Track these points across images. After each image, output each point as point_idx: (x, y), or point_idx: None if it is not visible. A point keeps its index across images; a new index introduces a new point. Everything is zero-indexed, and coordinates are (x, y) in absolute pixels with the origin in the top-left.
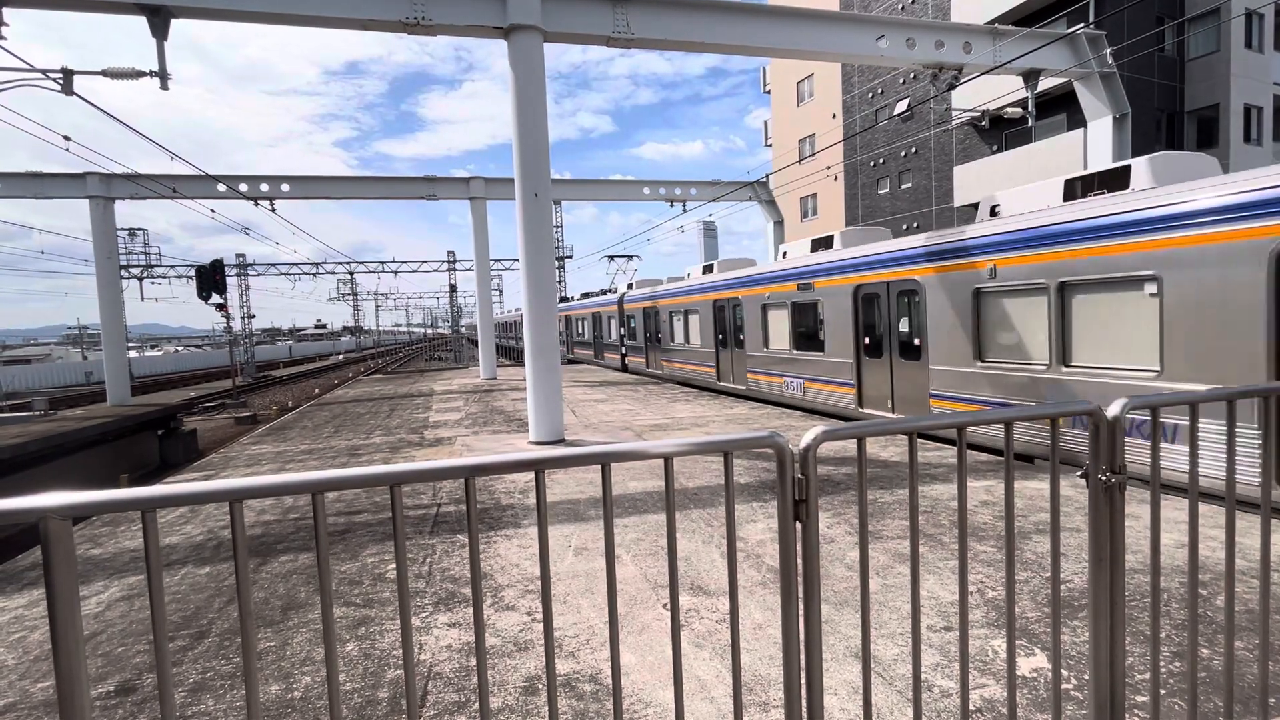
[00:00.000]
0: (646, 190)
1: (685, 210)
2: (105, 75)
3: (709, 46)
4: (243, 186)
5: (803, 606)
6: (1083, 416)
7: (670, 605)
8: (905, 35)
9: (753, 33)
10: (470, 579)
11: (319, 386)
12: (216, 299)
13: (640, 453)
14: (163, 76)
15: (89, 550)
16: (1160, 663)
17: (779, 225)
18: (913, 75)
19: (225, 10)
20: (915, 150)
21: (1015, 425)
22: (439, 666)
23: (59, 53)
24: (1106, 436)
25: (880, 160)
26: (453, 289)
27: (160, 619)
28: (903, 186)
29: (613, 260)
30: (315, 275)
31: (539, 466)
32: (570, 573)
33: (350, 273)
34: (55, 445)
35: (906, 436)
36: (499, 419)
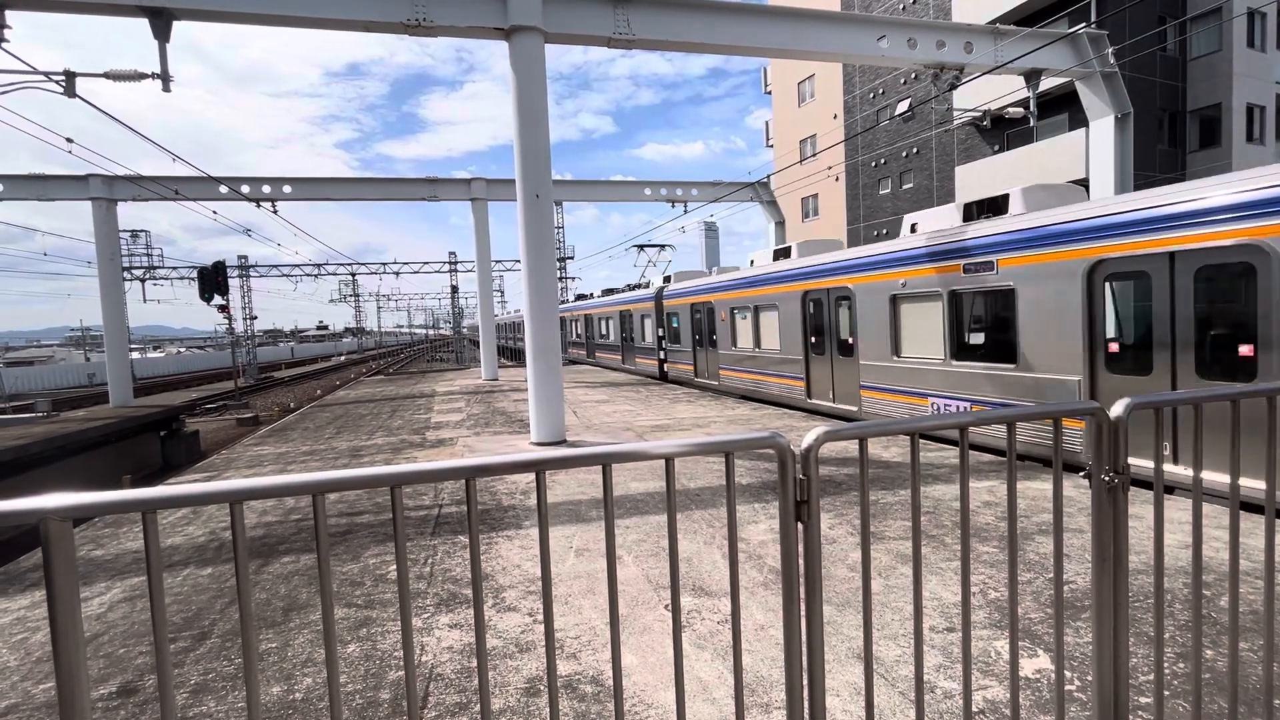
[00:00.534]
0: (648, 191)
1: (686, 211)
2: (108, 78)
3: (710, 47)
4: (245, 188)
5: (805, 607)
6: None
7: (672, 606)
8: (906, 35)
9: (754, 33)
10: (471, 580)
11: (321, 388)
12: (219, 300)
13: (641, 453)
14: (165, 78)
15: (91, 551)
16: (1164, 664)
17: (780, 226)
18: (914, 75)
19: (227, 12)
20: (917, 150)
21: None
22: (440, 668)
23: (60, 54)
24: (1109, 437)
25: (882, 160)
26: (454, 290)
27: (161, 620)
28: (904, 187)
29: (642, 250)
30: (317, 277)
31: (540, 467)
32: (571, 574)
33: (352, 274)
34: (58, 446)
35: (908, 437)
36: (500, 420)
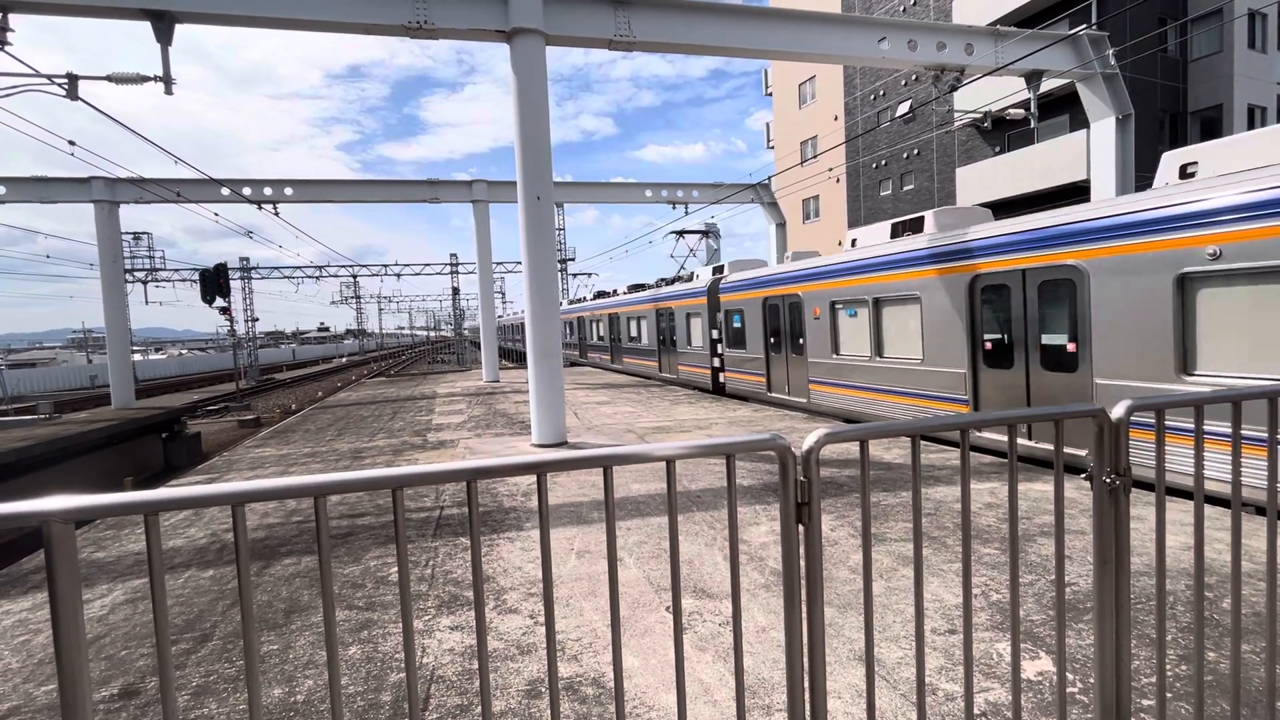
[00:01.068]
0: (649, 193)
1: (688, 213)
2: (110, 80)
3: (711, 49)
4: (246, 190)
5: (806, 609)
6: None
7: (673, 608)
8: (907, 37)
9: (754, 35)
10: (473, 582)
11: (322, 389)
12: (220, 302)
13: (643, 455)
14: (167, 81)
15: (93, 553)
16: (1166, 666)
17: (781, 228)
18: (915, 77)
19: (229, 15)
20: (918, 152)
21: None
22: (441, 670)
23: (62, 57)
24: (1110, 438)
25: (883, 162)
26: (455, 292)
27: (163, 622)
28: (905, 188)
29: (682, 237)
30: (318, 278)
31: (542, 469)
32: (573, 575)
33: (353, 276)
34: (60, 448)
35: (909, 439)
36: (501, 421)
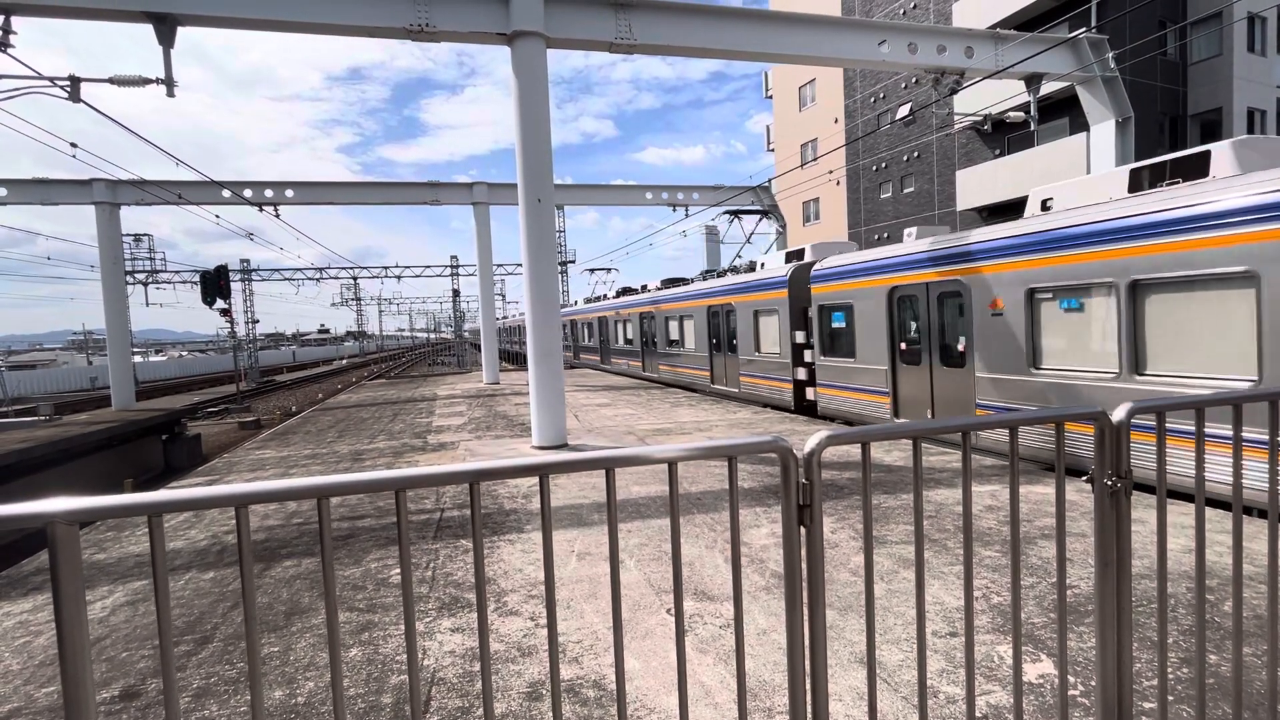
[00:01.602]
0: (649, 195)
1: (688, 215)
2: (113, 83)
3: (711, 52)
4: (247, 192)
5: (807, 611)
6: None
7: (674, 610)
8: (907, 40)
9: (755, 38)
10: (475, 584)
11: (322, 391)
12: (221, 304)
13: (644, 457)
14: (169, 83)
15: (94, 555)
16: (1168, 668)
17: (781, 230)
18: (915, 80)
19: (231, 17)
20: (918, 154)
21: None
22: (443, 672)
23: (64, 59)
24: (1111, 441)
25: (883, 164)
26: (456, 294)
27: (165, 624)
28: (905, 191)
29: (736, 219)
30: (319, 280)
31: (543, 471)
32: (574, 577)
33: (354, 278)
34: (61, 450)
35: (911, 441)
36: (502, 423)
